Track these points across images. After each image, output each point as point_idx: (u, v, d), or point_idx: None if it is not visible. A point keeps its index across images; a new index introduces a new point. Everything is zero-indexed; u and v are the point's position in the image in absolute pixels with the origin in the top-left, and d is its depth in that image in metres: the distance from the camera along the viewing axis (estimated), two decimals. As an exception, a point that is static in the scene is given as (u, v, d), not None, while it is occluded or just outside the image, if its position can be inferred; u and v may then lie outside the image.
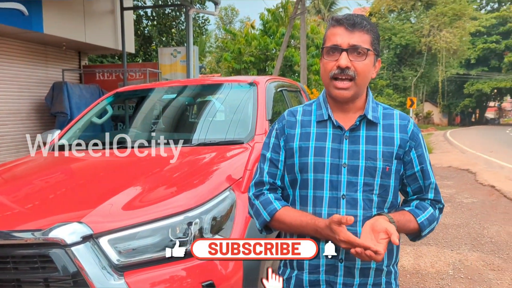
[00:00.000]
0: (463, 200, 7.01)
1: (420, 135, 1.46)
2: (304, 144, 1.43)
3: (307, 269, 1.40)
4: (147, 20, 14.85)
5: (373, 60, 1.42)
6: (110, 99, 3.81)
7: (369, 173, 1.37)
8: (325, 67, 1.40)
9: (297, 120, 1.48)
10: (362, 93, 1.44)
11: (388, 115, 1.45)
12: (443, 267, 4.09)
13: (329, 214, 1.36)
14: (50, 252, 1.69)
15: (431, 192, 1.46)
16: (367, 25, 1.39)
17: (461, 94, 43.45)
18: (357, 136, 1.40)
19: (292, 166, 1.44)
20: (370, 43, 1.39)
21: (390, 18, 33.23)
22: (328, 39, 1.40)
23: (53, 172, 2.65)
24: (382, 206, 1.40)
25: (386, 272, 1.42)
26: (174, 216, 1.87)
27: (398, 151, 1.40)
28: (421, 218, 1.41)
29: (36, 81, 8.27)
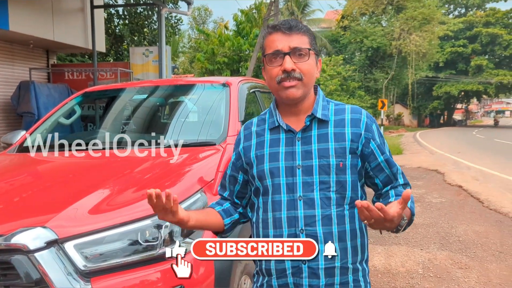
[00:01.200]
0: (432, 200, 7.17)
1: (374, 126, 1.46)
2: (259, 152, 1.46)
3: (275, 274, 1.40)
4: (118, 18, 14.60)
5: (315, 60, 1.44)
6: (78, 99, 3.71)
7: (323, 171, 1.38)
8: (270, 74, 1.41)
9: (252, 131, 1.51)
10: (310, 92, 1.46)
11: (340, 111, 1.46)
12: (413, 266, 4.17)
13: (288, 217, 1.38)
14: (12, 259, 1.62)
15: (400, 177, 1.47)
16: (303, 27, 1.42)
17: (430, 96, 44.57)
18: (309, 136, 1.42)
19: (253, 176, 1.47)
20: (309, 44, 1.41)
21: (362, 21, 33.75)
22: (268, 46, 1.42)
23: (17, 174, 2.55)
24: (341, 203, 1.40)
25: (352, 270, 1.41)
26: (143, 219, 1.82)
27: (351, 146, 1.40)
28: (409, 202, 1.38)
29: (2, 80, 7.99)
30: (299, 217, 1.37)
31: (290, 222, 1.38)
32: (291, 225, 1.37)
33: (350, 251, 1.40)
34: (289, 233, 1.37)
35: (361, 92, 28.87)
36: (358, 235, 1.43)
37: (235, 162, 1.53)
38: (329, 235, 1.37)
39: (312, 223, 1.36)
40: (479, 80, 40.82)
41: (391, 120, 43.50)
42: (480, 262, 4.27)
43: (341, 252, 1.39)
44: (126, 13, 14.39)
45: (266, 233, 1.42)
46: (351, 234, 1.40)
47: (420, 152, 15.62)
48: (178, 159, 2.61)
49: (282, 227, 1.38)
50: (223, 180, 1.58)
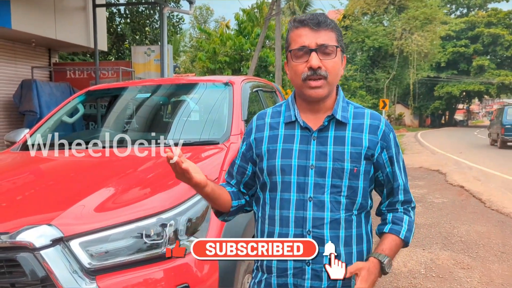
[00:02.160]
0: (434, 200, 7.16)
1: (391, 135, 1.43)
2: (272, 146, 1.42)
3: (275, 272, 1.38)
4: (120, 17, 14.59)
5: (341, 57, 1.41)
6: (81, 97, 3.71)
7: (336, 175, 1.35)
8: (295, 70, 1.38)
9: (265, 122, 1.47)
10: (333, 91, 1.43)
11: (359, 114, 1.43)
12: (415, 266, 4.17)
13: (296, 217, 1.35)
14: (17, 256, 1.62)
15: (400, 194, 1.45)
16: (331, 23, 1.38)
17: (431, 97, 44.55)
18: (325, 137, 1.38)
19: (261, 170, 1.43)
20: (336, 40, 1.38)
21: (364, 21, 33.73)
22: (294, 41, 1.38)
23: (22, 172, 2.55)
24: (350, 208, 1.38)
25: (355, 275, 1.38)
26: (148, 218, 1.82)
27: (366, 152, 1.38)
28: (403, 233, 1.41)
29: (4, 78, 8.00)
30: (307, 218, 1.35)
31: (297, 222, 1.36)
32: (298, 225, 1.35)
33: (355, 256, 1.39)
34: (296, 233, 1.35)
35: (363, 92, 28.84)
36: (364, 240, 1.42)
37: (245, 153, 1.49)
38: (336, 239, 1.36)
39: (320, 225, 1.34)
40: (480, 80, 40.78)
41: (392, 120, 43.41)
42: (482, 262, 4.27)
43: (346, 256, 1.37)
44: (127, 12, 14.38)
45: (272, 230, 1.39)
46: (357, 239, 1.39)
47: (421, 152, 15.62)
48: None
49: (288, 226, 1.36)
50: (230, 168, 1.54)
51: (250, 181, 1.51)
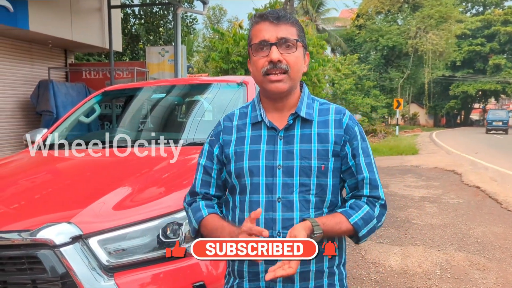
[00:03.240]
0: (449, 200, 7.09)
1: (356, 128, 1.40)
2: (239, 148, 1.39)
3: (247, 277, 1.37)
4: (134, 18, 14.72)
5: (302, 52, 1.39)
6: (98, 98, 3.76)
7: (304, 173, 1.33)
8: (256, 65, 1.35)
9: (233, 125, 1.44)
10: (296, 87, 1.40)
11: (324, 111, 1.41)
12: (430, 267, 4.13)
13: (266, 218, 1.33)
14: (38, 253, 1.66)
15: (366, 187, 1.37)
16: (291, 18, 1.37)
17: (446, 96, 44.01)
18: (292, 136, 1.36)
19: (230, 173, 1.40)
20: (297, 35, 1.36)
21: (377, 20, 33.47)
22: (255, 36, 1.36)
23: (41, 171, 2.60)
24: (320, 206, 1.35)
25: (327, 273, 1.37)
26: (164, 216, 1.85)
27: (334, 148, 1.35)
28: (354, 218, 1.32)
29: (21, 79, 8.14)
30: (277, 219, 1.33)
31: (267, 224, 1.33)
32: (268, 227, 1.32)
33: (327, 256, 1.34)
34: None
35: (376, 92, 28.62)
36: (336, 238, 1.36)
37: (216, 153, 1.44)
38: None
39: (290, 226, 1.29)
40: (497, 79, 40.15)
41: (406, 119, 43.06)
42: (498, 263, 4.22)
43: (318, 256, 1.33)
44: (142, 13, 14.51)
45: None
46: (333, 236, 1.34)
47: (436, 152, 15.45)
48: (195, 158, 2.63)
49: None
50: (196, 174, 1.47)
51: (218, 182, 1.46)
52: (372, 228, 1.36)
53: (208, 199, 1.46)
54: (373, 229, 1.36)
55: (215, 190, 1.46)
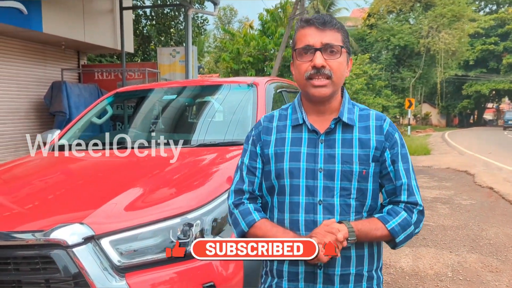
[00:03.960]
0: (461, 201, 7.02)
1: (396, 134, 1.42)
2: (279, 150, 1.41)
3: (286, 277, 1.38)
4: (146, 19, 14.84)
5: (346, 58, 1.41)
6: (110, 99, 3.80)
7: (345, 177, 1.35)
8: (299, 69, 1.38)
9: (273, 126, 1.46)
10: (338, 92, 1.43)
11: (364, 116, 1.43)
12: (442, 268, 4.10)
13: (306, 220, 1.35)
14: (51, 253, 1.69)
15: (403, 194, 1.38)
16: (337, 23, 1.38)
17: (459, 96, 43.54)
18: (333, 140, 1.38)
19: (268, 173, 1.42)
20: (342, 41, 1.38)
21: (389, 19, 33.22)
22: (299, 40, 1.38)
23: (54, 172, 2.64)
24: (360, 210, 1.37)
25: (367, 277, 1.39)
26: (175, 217, 1.87)
27: (375, 153, 1.37)
28: (391, 224, 1.34)
29: (35, 80, 8.26)
30: (317, 221, 1.34)
31: (308, 226, 1.35)
32: (309, 229, 1.34)
33: (367, 259, 1.38)
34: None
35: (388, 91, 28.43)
36: (375, 242, 1.40)
37: (258, 152, 1.45)
38: None
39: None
40: (511, 78, 39.60)
41: (418, 119, 42.70)
42: (511, 265, 4.17)
43: (357, 259, 1.36)
44: (153, 14, 14.61)
45: None
46: (369, 242, 1.38)
47: (448, 153, 15.30)
48: (206, 158, 2.65)
49: (299, 230, 1.36)
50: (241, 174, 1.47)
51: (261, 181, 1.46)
52: (410, 234, 1.38)
53: (254, 200, 1.46)
54: (410, 235, 1.38)
55: (258, 190, 1.46)
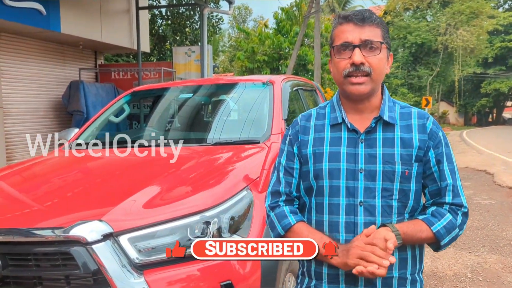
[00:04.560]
0: (480, 201, 6.91)
1: (440, 133, 1.37)
2: (318, 149, 1.38)
3: (326, 279, 1.36)
4: (161, 19, 14.95)
5: (386, 54, 1.37)
6: (127, 98, 3.84)
7: (387, 178, 1.31)
8: (337, 66, 1.34)
9: (311, 125, 1.43)
10: (378, 90, 1.38)
11: (406, 115, 1.38)
12: (461, 269, 4.04)
13: (347, 222, 1.32)
14: (71, 250, 1.70)
15: (448, 195, 1.33)
16: (377, 18, 1.34)
17: (478, 94, 42.80)
18: (374, 139, 1.34)
19: (307, 173, 1.39)
20: (381, 37, 1.33)
21: (406, 17, 32.86)
22: (337, 37, 1.35)
23: (73, 170, 2.67)
24: (402, 212, 1.33)
25: (410, 280, 1.35)
26: (192, 215, 1.87)
27: (418, 153, 1.33)
28: (437, 226, 1.30)
29: (54, 80, 8.38)
30: (358, 223, 1.31)
31: (348, 228, 1.32)
32: (349, 231, 1.32)
33: (410, 261, 1.35)
34: (347, 239, 1.31)
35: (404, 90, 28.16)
36: (417, 245, 1.36)
37: (294, 152, 1.43)
38: None
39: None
40: (531, 76, 38.81)
41: (435, 118, 42.09)
42: (533, 267, 4.09)
43: (400, 262, 1.33)
44: (169, 14, 14.71)
45: None
46: (412, 244, 1.34)
47: (467, 152, 15.06)
48: (222, 157, 2.65)
49: (338, 231, 1.33)
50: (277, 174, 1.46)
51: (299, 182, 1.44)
52: (454, 237, 1.34)
53: (290, 202, 1.44)
54: (455, 237, 1.35)
55: (296, 191, 1.44)
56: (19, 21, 6.48)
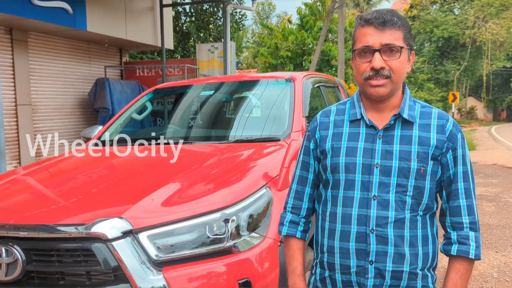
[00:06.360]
0: (509, 199, 6.72)
1: (459, 135, 1.38)
2: (336, 144, 1.42)
3: (339, 269, 1.40)
4: (185, 16, 15.05)
5: (407, 55, 1.38)
6: (149, 95, 3.88)
7: (402, 174, 1.33)
8: (358, 68, 1.38)
9: (330, 120, 1.47)
10: (398, 90, 1.40)
11: (426, 114, 1.40)
12: (487, 269, 3.94)
13: (359, 214, 1.35)
14: (92, 246, 1.74)
15: (464, 214, 1.37)
16: (398, 21, 1.34)
17: (507, 88, 41.56)
18: (391, 136, 1.36)
19: (325, 167, 1.43)
20: (402, 39, 1.34)
21: (432, 10, 32.14)
22: (358, 40, 1.37)
23: (95, 167, 2.72)
24: (416, 208, 1.35)
25: (421, 276, 1.37)
26: (211, 213, 1.88)
27: (434, 152, 1.35)
28: (472, 252, 1.35)
29: (80, 77, 8.56)
30: (371, 216, 1.34)
31: (360, 220, 1.35)
32: (361, 223, 1.35)
33: (421, 257, 1.36)
34: (358, 231, 1.35)
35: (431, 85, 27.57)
36: (430, 241, 1.39)
37: (311, 149, 1.50)
38: (400, 238, 1.34)
39: (383, 224, 1.33)
40: None
41: (463, 114, 41.16)
42: None
43: (411, 257, 1.35)
44: (192, 11, 14.80)
45: (333, 227, 1.40)
46: (422, 240, 1.37)
47: (495, 148, 14.65)
48: (243, 154, 2.66)
49: (351, 224, 1.36)
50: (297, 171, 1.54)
51: (314, 179, 1.51)
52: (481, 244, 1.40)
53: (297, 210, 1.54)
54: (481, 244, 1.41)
55: (311, 186, 1.52)
56: (46, 20, 6.64)
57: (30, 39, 7.37)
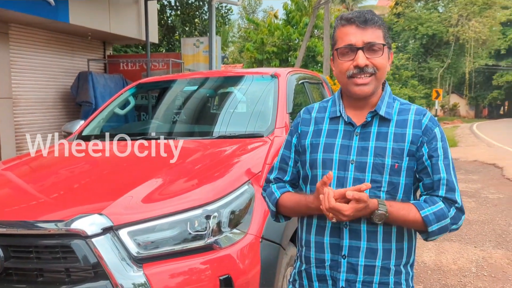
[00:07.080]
0: (488, 195, 6.85)
1: (436, 129, 1.38)
2: (315, 140, 1.45)
3: (314, 263, 1.43)
4: (170, 9, 14.91)
5: (387, 54, 1.40)
6: (132, 90, 3.85)
7: (376, 170, 1.35)
8: (340, 67, 1.38)
9: (311, 117, 1.51)
10: (379, 88, 1.43)
11: (404, 111, 1.41)
12: (466, 264, 4.02)
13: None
14: (71, 243, 1.72)
15: (442, 188, 1.35)
16: (378, 20, 1.38)
17: (489, 86, 42.25)
18: (368, 133, 1.39)
19: (304, 163, 1.47)
20: (383, 38, 1.38)
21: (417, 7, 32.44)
22: (340, 39, 1.38)
23: (76, 163, 2.69)
24: None
25: (394, 271, 1.38)
26: (193, 209, 1.88)
27: (410, 148, 1.36)
28: (426, 211, 1.31)
29: (62, 70, 8.42)
30: None
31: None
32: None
33: (394, 253, 1.38)
34: (333, 225, 1.39)
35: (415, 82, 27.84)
36: (406, 238, 1.40)
37: (293, 143, 1.52)
38: (373, 234, 1.36)
39: (357, 219, 1.33)
40: (545, 68, 38.17)
41: (446, 110, 41.73)
42: (539, 263, 4.05)
43: (384, 252, 1.36)
44: (178, 4, 14.66)
45: (310, 221, 1.45)
46: (397, 235, 1.38)
47: (476, 145, 14.91)
48: (227, 150, 2.66)
49: (326, 218, 1.35)
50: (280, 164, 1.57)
51: (294, 172, 1.54)
52: (444, 227, 1.34)
53: (281, 183, 1.55)
54: (445, 228, 1.35)
55: (290, 177, 1.55)
56: (28, 12, 6.51)
57: (11, 31, 7.22)
